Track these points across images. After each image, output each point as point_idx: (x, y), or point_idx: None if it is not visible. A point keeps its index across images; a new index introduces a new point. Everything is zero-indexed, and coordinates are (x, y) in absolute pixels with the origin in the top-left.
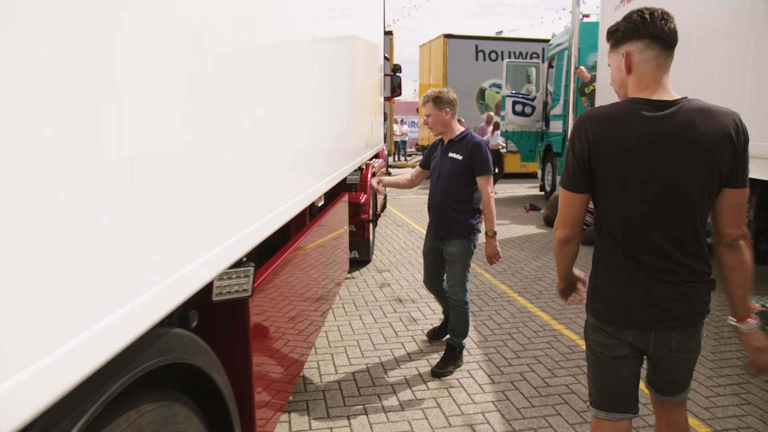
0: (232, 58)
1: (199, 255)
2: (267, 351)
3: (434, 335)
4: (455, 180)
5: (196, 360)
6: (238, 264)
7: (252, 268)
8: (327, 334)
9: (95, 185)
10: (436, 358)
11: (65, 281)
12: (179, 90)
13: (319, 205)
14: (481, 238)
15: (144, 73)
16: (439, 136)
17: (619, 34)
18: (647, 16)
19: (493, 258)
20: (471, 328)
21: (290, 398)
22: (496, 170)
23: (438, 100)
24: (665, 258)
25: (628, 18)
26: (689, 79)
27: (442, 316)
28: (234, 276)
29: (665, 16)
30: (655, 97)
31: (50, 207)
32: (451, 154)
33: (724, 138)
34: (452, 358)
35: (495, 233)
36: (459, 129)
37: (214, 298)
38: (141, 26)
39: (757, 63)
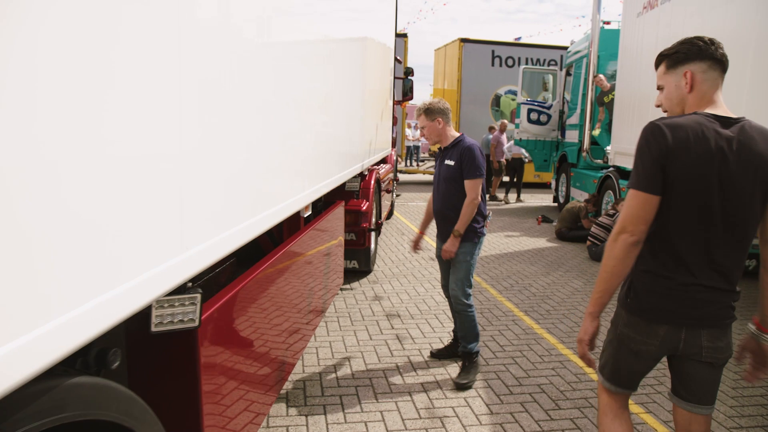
0: (200, 55)
1: (117, 283)
2: (222, 394)
3: (439, 354)
4: (451, 185)
5: (108, 414)
6: (183, 290)
7: (199, 295)
8: (318, 351)
9: None
10: (432, 383)
11: None
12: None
13: (305, 216)
14: (485, 241)
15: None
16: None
17: (680, 56)
18: (708, 42)
19: (446, 253)
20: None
21: (266, 424)
22: (515, 179)
23: (429, 111)
24: (710, 264)
25: (688, 42)
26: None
27: (441, 335)
28: (177, 303)
29: (719, 44)
30: (719, 113)
31: None
32: (446, 161)
33: None
34: (472, 367)
35: (460, 235)
36: (453, 135)
37: (154, 329)
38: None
39: None
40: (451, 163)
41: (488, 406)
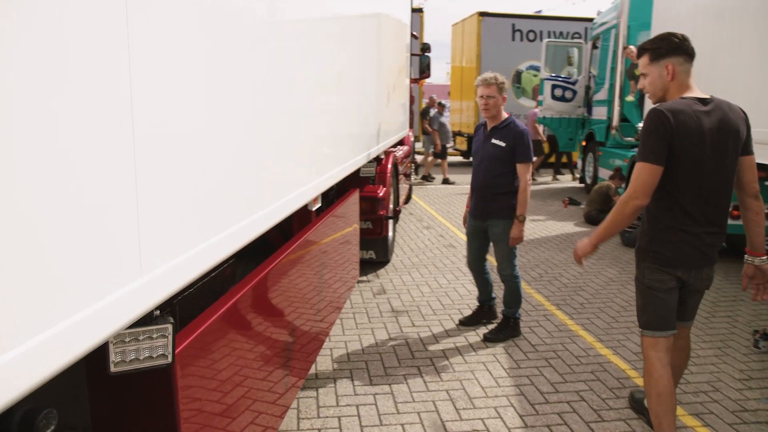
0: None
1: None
2: None
3: (467, 321)
4: (497, 165)
5: None
6: (149, 320)
7: (169, 326)
8: (332, 352)
9: None
10: (458, 391)
11: None
12: None
13: (314, 208)
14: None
15: None
16: (480, 122)
17: (662, 51)
18: (681, 38)
19: (515, 240)
20: (500, 350)
21: None
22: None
23: (502, 87)
24: (708, 215)
25: (666, 39)
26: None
27: (466, 334)
28: (143, 337)
29: (689, 39)
30: (698, 95)
31: None
32: (494, 140)
33: (742, 121)
34: (506, 328)
35: (525, 219)
36: (504, 115)
37: (113, 370)
38: None
39: None
40: (501, 144)
41: (522, 418)
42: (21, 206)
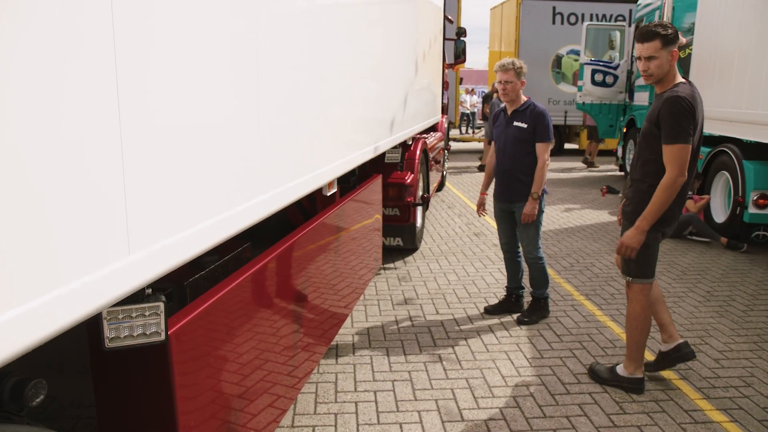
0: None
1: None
2: (205, 413)
3: (492, 310)
4: (521, 147)
5: None
6: (141, 298)
7: (161, 304)
8: (354, 338)
9: None
10: (478, 380)
11: None
12: None
13: (329, 194)
14: (546, 199)
15: None
16: (499, 108)
17: (671, 37)
18: (675, 28)
19: (527, 217)
20: (524, 340)
21: (289, 422)
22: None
23: (520, 72)
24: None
25: (671, 27)
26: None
27: (490, 323)
28: (135, 314)
29: None
30: (684, 80)
31: None
32: (516, 123)
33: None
34: (537, 309)
35: (539, 196)
36: (523, 99)
37: (108, 346)
38: None
39: None
40: (523, 125)
41: (541, 408)
42: (6, 181)
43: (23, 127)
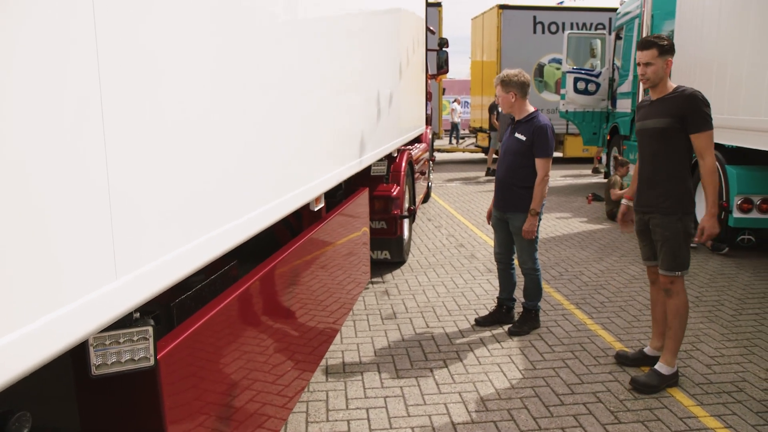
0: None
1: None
2: None
3: (483, 321)
4: (517, 159)
5: None
6: (129, 322)
7: (150, 329)
8: (343, 354)
9: None
10: (471, 393)
11: None
12: None
13: (317, 208)
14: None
15: None
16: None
17: (666, 47)
18: (671, 40)
19: (527, 234)
20: (516, 351)
21: None
22: None
23: (504, 83)
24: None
25: (666, 39)
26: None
27: (482, 335)
28: (123, 339)
29: None
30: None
31: None
32: (517, 134)
33: None
34: (528, 320)
35: (537, 213)
36: (528, 110)
37: (94, 373)
38: None
39: None
40: (522, 138)
41: (536, 420)
42: None
43: (5, 151)
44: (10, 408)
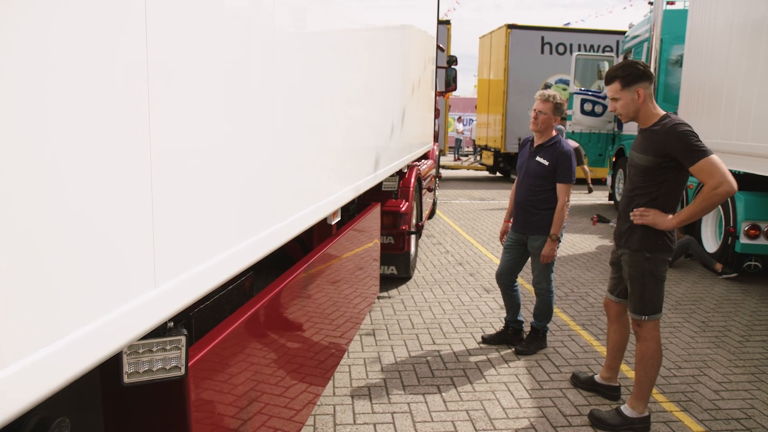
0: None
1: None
2: None
3: (490, 340)
4: (538, 183)
5: None
6: (162, 331)
7: (183, 338)
8: (351, 369)
9: None
10: (479, 411)
11: None
12: None
13: (334, 222)
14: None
15: None
16: (527, 138)
17: (632, 78)
18: (644, 65)
19: (546, 258)
20: (522, 371)
21: None
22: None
23: (558, 107)
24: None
25: (632, 66)
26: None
27: (487, 352)
28: (156, 348)
29: (648, 65)
30: (664, 112)
31: None
32: (538, 158)
33: None
34: (535, 340)
35: (558, 238)
36: (551, 134)
37: (126, 381)
38: None
39: None
40: (545, 162)
41: None
42: (26, 215)
43: (48, 159)
44: (50, 414)
